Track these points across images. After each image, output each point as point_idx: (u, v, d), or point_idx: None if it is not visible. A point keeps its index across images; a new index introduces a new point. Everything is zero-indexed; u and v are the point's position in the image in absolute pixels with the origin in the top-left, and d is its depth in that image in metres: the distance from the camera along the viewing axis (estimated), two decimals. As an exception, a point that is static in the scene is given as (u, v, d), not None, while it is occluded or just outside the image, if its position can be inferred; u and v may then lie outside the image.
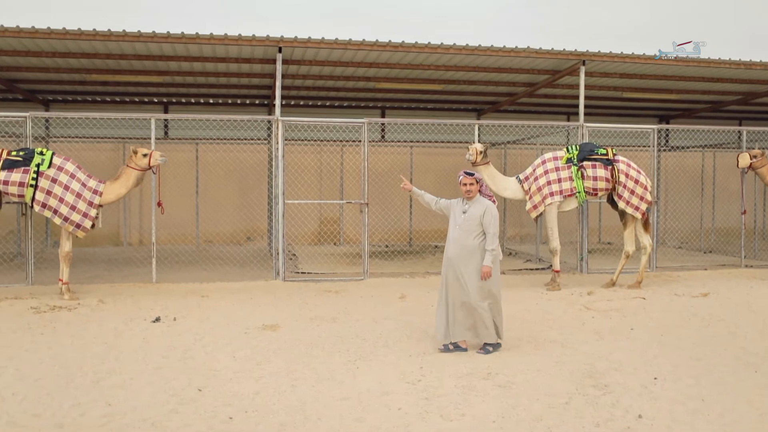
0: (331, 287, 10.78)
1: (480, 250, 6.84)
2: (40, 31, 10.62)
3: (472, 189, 6.96)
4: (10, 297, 9.75)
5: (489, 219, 6.82)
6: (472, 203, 6.98)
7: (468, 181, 6.96)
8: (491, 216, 6.84)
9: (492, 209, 6.90)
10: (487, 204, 6.92)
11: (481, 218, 6.84)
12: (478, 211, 6.88)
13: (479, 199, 6.99)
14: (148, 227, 16.22)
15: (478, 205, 6.93)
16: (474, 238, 6.86)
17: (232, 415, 5.07)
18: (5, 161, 9.58)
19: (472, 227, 6.87)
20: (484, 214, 6.83)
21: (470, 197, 6.99)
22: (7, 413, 5.08)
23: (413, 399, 5.45)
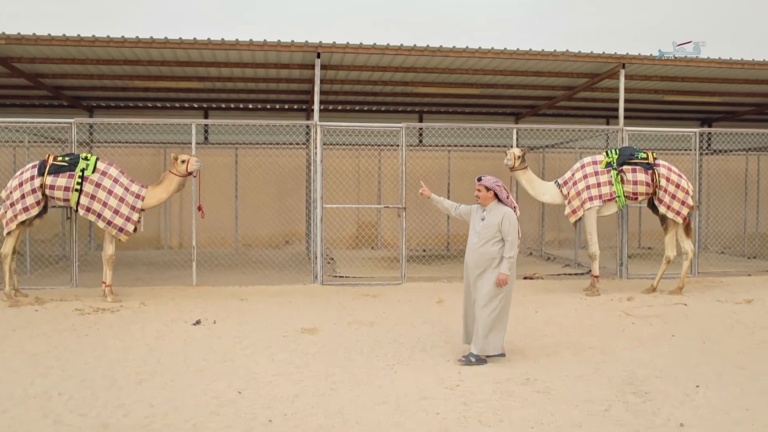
0: (369, 291, 10.82)
1: (498, 257, 6.71)
2: (85, 39, 10.86)
3: (481, 196, 6.84)
4: (56, 299, 9.97)
5: (507, 226, 6.69)
6: (491, 210, 6.84)
7: (477, 187, 6.87)
8: (510, 223, 6.70)
9: (511, 216, 6.75)
10: (505, 211, 6.77)
11: (499, 225, 6.71)
12: (496, 218, 6.75)
13: (498, 206, 6.84)
14: (188, 231, 16.44)
15: (497, 212, 6.79)
16: (492, 246, 6.73)
17: (272, 418, 5.12)
18: (52, 166, 9.82)
19: (491, 234, 6.74)
20: (503, 221, 6.70)
21: (481, 203, 6.89)
22: (54, 412, 5.20)
23: (451, 404, 5.45)
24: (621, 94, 12.48)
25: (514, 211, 6.86)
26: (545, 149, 17.13)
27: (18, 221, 9.81)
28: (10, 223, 9.84)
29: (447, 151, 17.98)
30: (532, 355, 7.00)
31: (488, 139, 18.06)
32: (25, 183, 9.80)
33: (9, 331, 7.97)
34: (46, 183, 9.76)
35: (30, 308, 9.37)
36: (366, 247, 17.61)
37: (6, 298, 9.76)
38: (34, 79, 13.45)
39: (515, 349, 7.23)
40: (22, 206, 9.75)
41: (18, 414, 5.17)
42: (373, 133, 15.14)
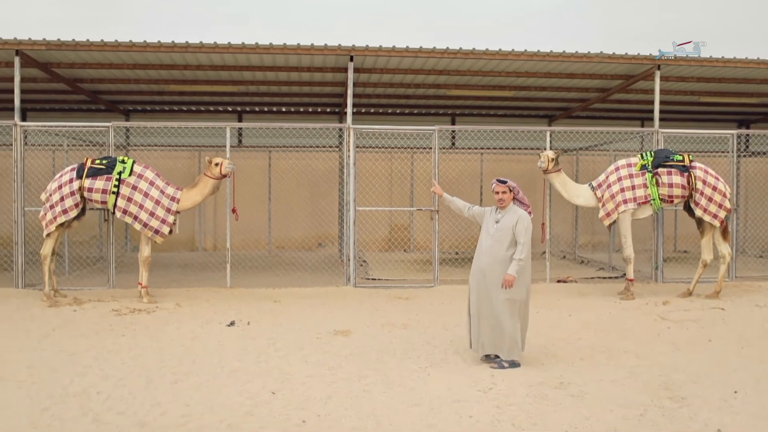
0: (402, 294, 10.83)
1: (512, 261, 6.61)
2: (122, 44, 11.04)
3: (505, 198, 6.72)
4: (93, 299, 10.15)
5: (521, 229, 6.57)
6: (506, 212, 6.73)
7: (500, 189, 6.73)
8: (524, 226, 6.59)
9: (525, 219, 6.65)
10: (520, 213, 6.67)
11: (513, 228, 6.60)
12: (511, 220, 6.64)
13: (513, 209, 6.74)
14: (222, 233, 16.60)
15: (512, 214, 6.69)
16: (507, 249, 6.60)
17: (305, 419, 5.16)
18: (90, 169, 10.00)
19: (505, 237, 6.62)
20: (517, 223, 6.59)
21: (503, 206, 6.75)
22: (92, 411, 5.30)
23: (484, 407, 5.44)
24: (656, 96, 12.35)
25: (528, 213, 6.79)
26: (579, 152, 17.00)
27: (57, 223, 10.00)
28: (50, 225, 10.03)
29: (479, 154, 17.94)
30: (566, 359, 6.95)
31: (521, 141, 17.99)
32: (64, 186, 9.99)
33: (49, 331, 8.13)
34: (85, 186, 9.94)
35: (69, 308, 9.55)
36: (398, 249, 17.62)
37: (46, 298, 9.95)
38: (73, 83, 13.71)
39: (548, 352, 7.19)
40: (62, 208, 9.94)
41: (59, 412, 5.27)
42: (406, 136, 15.17)
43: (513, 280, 6.49)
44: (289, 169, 16.73)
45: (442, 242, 12.29)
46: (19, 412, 5.26)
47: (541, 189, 13.17)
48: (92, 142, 14.64)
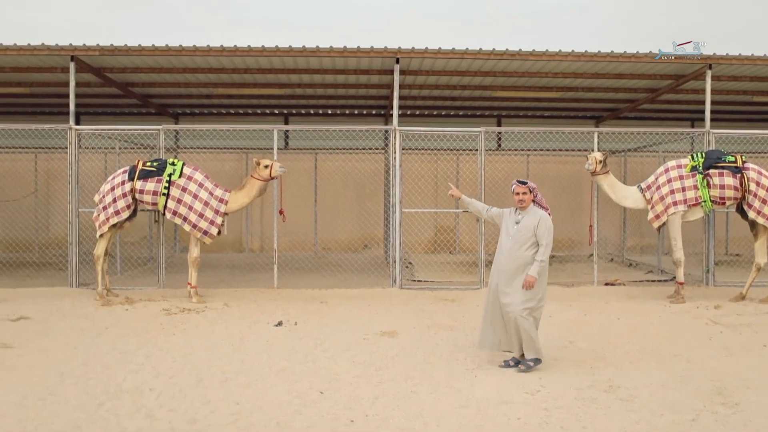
0: (448, 296, 10.82)
1: (532, 262, 6.54)
2: (172, 49, 11.25)
3: (526, 198, 6.65)
4: (144, 299, 10.35)
5: (543, 230, 6.53)
6: (526, 213, 6.68)
7: (521, 190, 6.66)
8: (546, 227, 6.54)
9: (546, 220, 6.60)
10: (541, 214, 6.62)
11: (534, 229, 6.54)
12: (531, 221, 6.59)
13: (533, 210, 6.68)
14: (269, 234, 16.77)
15: (532, 215, 6.64)
16: (526, 250, 6.55)
17: (353, 419, 5.20)
18: (141, 171, 10.21)
19: (525, 238, 6.57)
20: (538, 225, 6.54)
21: (523, 207, 6.68)
22: (145, 407, 5.42)
23: (533, 409, 5.41)
24: (707, 96, 12.12)
25: (548, 214, 6.71)
26: (627, 153, 16.76)
27: (110, 224, 10.23)
28: (103, 226, 10.27)
29: (526, 156, 17.81)
30: (615, 362, 6.87)
31: (568, 143, 17.82)
32: (116, 187, 10.21)
33: (102, 329, 8.32)
34: (136, 187, 10.15)
35: (120, 307, 9.76)
36: (444, 251, 17.59)
37: (99, 297, 10.19)
38: (125, 88, 14.00)
39: (597, 355, 7.12)
40: (114, 210, 10.17)
41: (113, 407, 5.40)
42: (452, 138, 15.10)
43: (534, 281, 6.47)
44: (334, 171, 16.84)
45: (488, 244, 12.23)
46: (77, 406, 5.41)
47: (589, 191, 13.02)
48: (143, 144, 14.94)
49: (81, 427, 4.97)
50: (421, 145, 16.49)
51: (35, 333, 8.13)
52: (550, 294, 10.72)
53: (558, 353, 7.21)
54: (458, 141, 16.16)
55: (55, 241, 17.01)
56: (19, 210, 16.92)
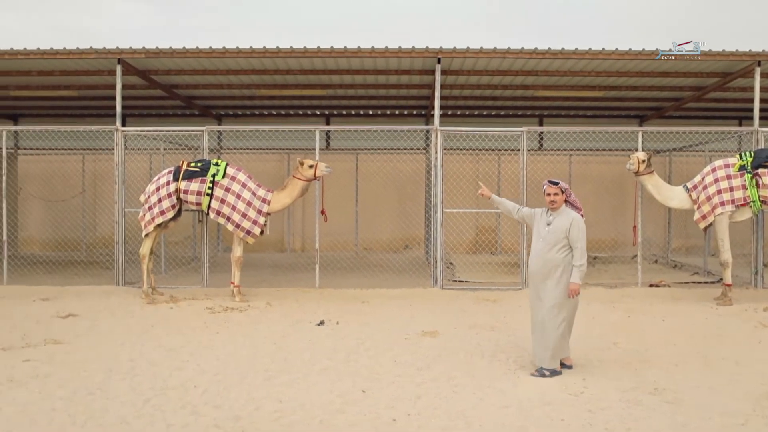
0: (489, 296, 10.77)
1: (563, 264, 6.37)
2: (216, 51, 11.39)
3: (557, 199, 6.47)
4: (188, 297, 10.50)
5: (576, 233, 6.35)
6: (558, 215, 6.50)
7: (552, 191, 6.48)
8: (578, 229, 6.36)
9: (579, 222, 6.41)
10: (573, 216, 6.45)
11: (566, 231, 6.37)
12: (563, 223, 6.41)
13: (565, 211, 6.52)
14: (310, 234, 16.89)
15: (564, 216, 6.46)
16: (557, 252, 6.39)
17: (396, 418, 5.21)
18: (185, 172, 10.35)
19: (556, 240, 6.40)
20: (571, 227, 6.36)
21: (555, 208, 6.51)
22: (191, 403, 5.50)
23: (576, 411, 5.36)
24: (756, 94, 11.85)
25: (581, 215, 6.56)
26: (672, 152, 16.50)
27: (155, 224, 10.40)
28: (148, 226, 10.45)
29: (568, 156, 17.63)
30: (660, 364, 6.77)
31: (611, 142, 17.58)
32: (161, 188, 10.38)
33: (148, 327, 8.47)
34: (181, 188, 10.30)
35: (165, 306, 9.92)
36: (485, 252, 17.51)
37: (144, 296, 10.37)
38: (169, 90, 14.23)
39: (642, 357, 7.02)
40: (159, 210, 10.33)
41: (159, 403, 5.50)
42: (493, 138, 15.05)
43: (578, 288, 6.34)
44: (376, 172, 16.87)
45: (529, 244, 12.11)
46: (125, 402, 5.52)
47: (632, 191, 12.85)
48: (187, 145, 15.16)
49: (128, 422, 5.07)
50: (462, 145, 16.48)
51: (84, 330, 8.31)
52: (594, 295, 10.68)
53: (602, 354, 7.13)
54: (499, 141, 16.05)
55: (102, 240, 17.36)
56: (67, 210, 17.34)
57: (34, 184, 17.64)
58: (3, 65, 12.40)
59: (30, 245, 17.94)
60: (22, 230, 17.52)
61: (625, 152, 15.68)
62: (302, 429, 5.00)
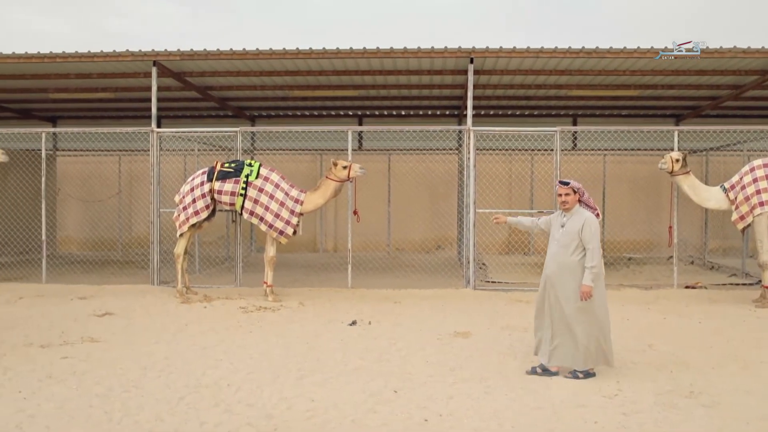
0: (522, 297, 10.70)
1: (580, 267, 6.23)
2: (249, 53, 11.48)
3: (569, 200, 6.34)
4: (222, 297, 10.60)
5: (588, 233, 6.19)
6: (571, 216, 6.37)
7: (563, 191, 6.36)
8: (591, 229, 6.20)
9: (592, 222, 6.25)
10: (586, 216, 6.29)
11: (579, 232, 6.22)
12: (576, 224, 6.27)
13: (579, 211, 6.38)
14: (342, 235, 16.97)
15: (577, 217, 6.32)
16: (572, 254, 6.26)
17: (427, 418, 5.20)
18: (219, 172, 10.45)
19: (571, 242, 6.27)
20: (583, 228, 6.21)
21: (567, 209, 6.38)
22: (224, 401, 5.55)
23: (610, 413, 5.30)
24: (796, 92, 11.63)
25: (596, 215, 6.41)
26: (709, 152, 16.25)
27: (190, 224, 10.51)
28: (183, 226, 10.56)
29: (602, 156, 17.44)
30: (697, 367, 6.66)
31: (646, 142, 17.37)
32: (196, 188, 10.48)
33: (182, 325, 8.57)
34: (215, 188, 10.40)
35: (199, 305, 10.02)
36: (518, 252, 17.41)
37: (179, 295, 10.49)
38: (204, 91, 14.38)
39: (678, 360, 6.92)
40: (194, 210, 10.44)
41: (193, 401, 5.55)
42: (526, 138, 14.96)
43: (590, 290, 6.16)
44: (408, 172, 16.86)
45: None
46: (160, 399, 5.59)
47: (668, 191, 12.68)
48: (221, 146, 15.29)
49: (163, 420, 5.13)
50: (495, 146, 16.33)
51: (120, 328, 8.43)
52: (629, 296, 10.57)
53: (636, 357, 7.05)
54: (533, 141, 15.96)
55: (137, 240, 17.62)
56: (104, 210, 17.63)
57: (72, 184, 17.97)
58: (43, 68, 12.62)
59: (68, 245, 18.26)
60: (60, 230, 17.87)
61: (661, 152, 15.45)
62: (334, 428, 5.01)
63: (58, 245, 17.55)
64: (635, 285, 11.72)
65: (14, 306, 10.01)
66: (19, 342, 7.63)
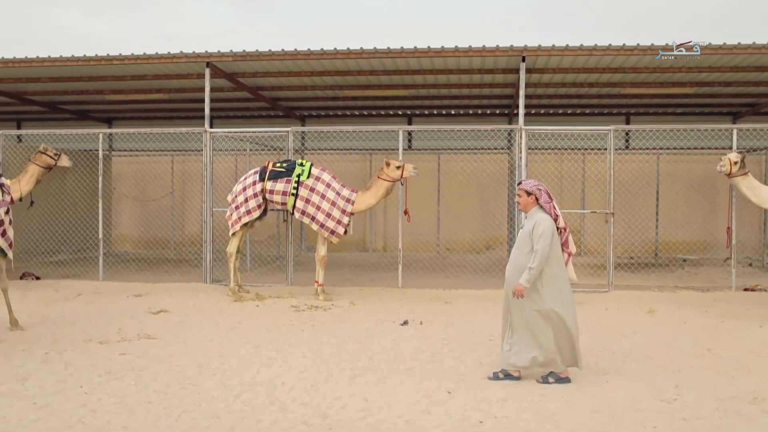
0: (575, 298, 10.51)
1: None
2: (301, 53, 11.55)
3: (520, 201, 6.28)
4: (273, 296, 10.69)
5: (537, 234, 6.02)
6: (529, 217, 6.26)
7: (518, 193, 6.34)
8: (539, 231, 6.02)
9: (542, 222, 6.07)
10: (538, 217, 6.13)
11: (530, 234, 6.09)
12: (529, 225, 6.16)
13: (534, 213, 6.22)
14: (391, 234, 16.97)
15: (531, 219, 6.21)
16: (524, 256, 6.10)
17: (482, 420, 5.16)
18: (271, 172, 10.54)
19: (524, 244, 6.14)
20: (534, 229, 6.07)
21: (522, 209, 6.35)
22: (278, 400, 5.59)
23: (669, 419, 5.18)
24: None
25: (555, 221, 6.16)
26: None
27: (242, 223, 10.63)
28: (235, 225, 10.68)
29: (656, 155, 17.11)
30: (759, 373, 6.47)
31: (702, 140, 16.99)
32: (248, 188, 10.59)
33: (235, 323, 8.67)
34: (267, 187, 10.49)
35: (251, 303, 10.12)
36: (568, 253, 17.13)
37: (231, 293, 10.61)
38: (255, 92, 14.51)
39: (739, 365, 6.74)
40: (246, 209, 10.55)
41: (248, 399, 5.61)
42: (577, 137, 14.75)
43: (522, 290, 5.99)
44: (457, 172, 16.76)
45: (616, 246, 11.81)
46: (215, 397, 5.66)
47: (725, 191, 12.37)
48: (271, 146, 15.43)
49: (219, 417, 5.19)
50: (546, 145, 16.20)
51: (174, 325, 8.57)
52: (685, 299, 10.37)
53: (695, 361, 6.89)
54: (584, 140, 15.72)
55: (189, 238, 17.87)
56: (157, 209, 17.95)
57: (126, 184, 18.33)
58: (99, 71, 12.88)
59: (122, 243, 18.62)
60: (114, 228, 18.24)
61: (718, 151, 15.12)
62: (389, 429, 5.00)
63: (112, 243, 17.91)
64: (691, 287, 11.48)
65: (73, 302, 10.24)
66: (78, 338, 7.81)
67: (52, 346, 7.38)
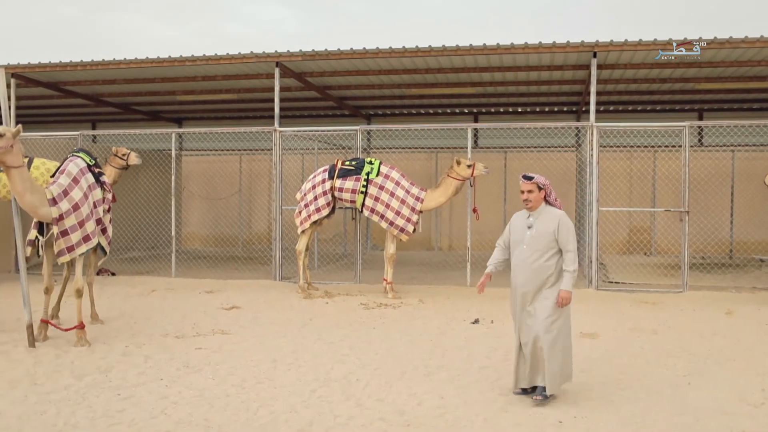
0: (647, 298, 10.31)
1: (556, 273, 5.50)
2: (369, 52, 11.58)
3: (531, 197, 5.55)
4: (342, 293, 10.76)
5: (566, 234, 5.45)
6: (539, 215, 5.60)
7: (526, 188, 5.57)
8: (568, 230, 5.47)
9: (567, 222, 5.52)
10: (559, 215, 5.54)
11: (555, 234, 5.46)
12: (549, 225, 5.51)
13: (547, 210, 5.61)
14: (457, 233, 16.91)
15: (548, 217, 5.56)
16: (549, 259, 5.49)
17: (561, 420, 5.08)
18: (340, 170, 10.61)
19: (544, 245, 5.49)
20: (559, 229, 5.46)
21: (531, 207, 5.61)
22: (354, 396, 5.62)
23: (758, 422, 5.02)
24: None
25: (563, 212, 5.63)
26: None
27: (311, 221, 10.73)
28: (305, 223, 10.79)
29: (731, 152, 16.61)
30: None
31: (780, 137, 16.42)
32: (317, 186, 10.69)
33: (307, 320, 8.75)
34: (336, 186, 10.57)
35: (321, 301, 10.21)
36: (638, 252, 16.79)
37: (300, 290, 10.72)
38: (323, 91, 14.63)
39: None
40: (315, 207, 10.65)
41: (324, 394, 5.65)
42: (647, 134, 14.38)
43: (570, 297, 5.43)
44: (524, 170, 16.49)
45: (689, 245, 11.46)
46: (292, 392, 5.72)
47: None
48: (339, 145, 15.54)
49: (297, 412, 5.24)
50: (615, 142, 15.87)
51: (247, 321, 8.70)
52: (764, 300, 10.03)
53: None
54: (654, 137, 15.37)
55: (257, 236, 18.16)
56: (225, 208, 18.28)
57: (196, 183, 18.72)
58: (171, 72, 13.19)
59: (191, 241, 19.03)
60: (184, 227, 18.65)
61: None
62: (466, 426, 4.97)
63: (182, 241, 18.32)
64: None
65: (148, 298, 10.50)
66: (155, 332, 8.00)
67: (131, 340, 7.58)
